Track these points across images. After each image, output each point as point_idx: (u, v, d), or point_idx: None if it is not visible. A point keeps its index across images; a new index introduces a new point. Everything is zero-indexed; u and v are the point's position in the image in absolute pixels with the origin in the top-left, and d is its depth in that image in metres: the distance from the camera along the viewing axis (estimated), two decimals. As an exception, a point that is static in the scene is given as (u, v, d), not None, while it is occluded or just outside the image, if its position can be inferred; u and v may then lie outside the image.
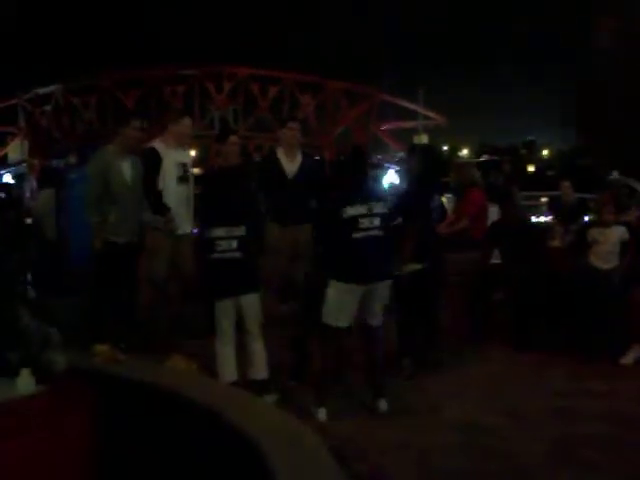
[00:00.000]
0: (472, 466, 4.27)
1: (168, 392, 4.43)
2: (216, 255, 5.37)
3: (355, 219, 5.08)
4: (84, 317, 6.47)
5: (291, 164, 6.27)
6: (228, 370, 5.33)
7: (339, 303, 5.11)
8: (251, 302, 5.44)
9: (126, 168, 6.29)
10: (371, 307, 5.22)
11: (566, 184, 10.11)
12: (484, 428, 4.87)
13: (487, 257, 7.61)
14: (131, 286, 6.41)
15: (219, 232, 5.37)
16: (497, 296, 7.62)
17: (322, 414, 5.06)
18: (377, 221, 5.15)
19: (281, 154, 6.34)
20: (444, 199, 8.28)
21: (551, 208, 11.91)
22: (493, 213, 8.16)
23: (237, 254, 5.35)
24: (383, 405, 5.25)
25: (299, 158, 6.34)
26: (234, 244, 5.34)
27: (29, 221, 10.71)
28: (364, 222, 5.10)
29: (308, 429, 3.93)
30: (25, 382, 2.16)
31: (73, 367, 2.81)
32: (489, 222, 7.88)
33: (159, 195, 6.29)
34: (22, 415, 2.06)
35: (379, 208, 5.20)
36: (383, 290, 5.24)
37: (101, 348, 5.61)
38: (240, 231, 5.39)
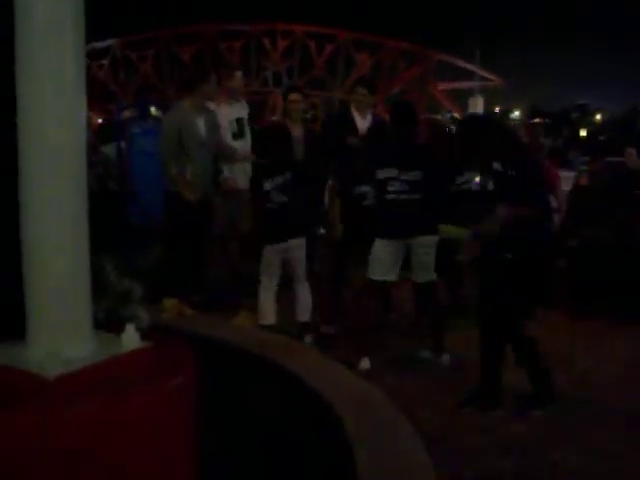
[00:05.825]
0: (549, 435, 4.18)
1: (238, 350, 4.52)
2: (268, 205, 5.49)
3: (385, 182, 5.21)
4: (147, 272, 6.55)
5: (363, 121, 6.44)
6: (269, 315, 5.58)
7: (380, 258, 5.26)
8: (298, 244, 5.61)
9: (201, 124, 6.15)
10: (415, 263, 5.32)
11: (631, 151, 9.83)
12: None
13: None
14: (200, 243, 6.38)
15: (269, 185, 5.50)
16: (558, 265, 7.51)
17: (365, 363, 5.18)
18: (407, 186, 5.19)
19: (354, 112, 6.51)
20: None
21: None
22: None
23: (284, 198, 5.50)
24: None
25: (369, 117, 6.51)
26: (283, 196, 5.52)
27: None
28: (394, 185, 5.19)
29: (379, 391, 3.97)
30: (130, 338, 2.19)
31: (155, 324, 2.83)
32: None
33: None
34: (129, 371, 2.09)
35: (409, 176, 5.18)
36: (423, 246, 5.27)
37: (170, 303, 5.73)
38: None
